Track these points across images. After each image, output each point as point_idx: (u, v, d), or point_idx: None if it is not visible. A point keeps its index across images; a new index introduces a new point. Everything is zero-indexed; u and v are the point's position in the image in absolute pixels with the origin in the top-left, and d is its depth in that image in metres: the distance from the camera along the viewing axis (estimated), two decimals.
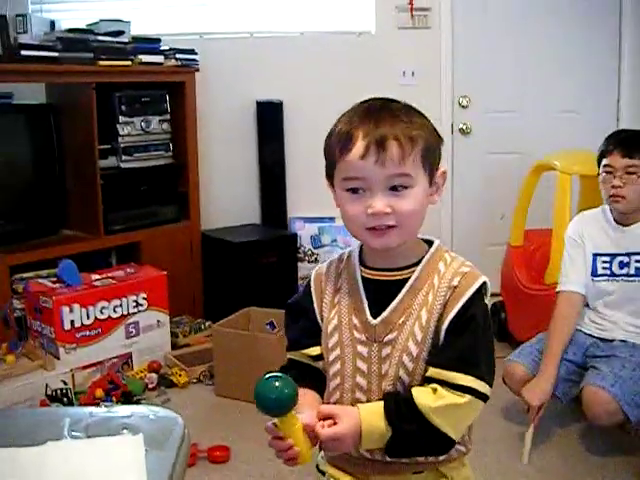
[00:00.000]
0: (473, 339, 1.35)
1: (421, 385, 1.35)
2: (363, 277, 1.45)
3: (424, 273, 1.40)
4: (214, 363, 3.45)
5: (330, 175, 1.50)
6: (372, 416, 1.33)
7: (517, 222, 4.03)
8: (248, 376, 3.28)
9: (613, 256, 2.97)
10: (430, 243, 1.47)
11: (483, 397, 1.33)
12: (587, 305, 3.05)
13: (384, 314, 1.39)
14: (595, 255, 2.99)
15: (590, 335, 3.01)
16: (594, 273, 2.99)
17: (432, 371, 1.33)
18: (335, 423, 1.32)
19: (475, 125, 4.91)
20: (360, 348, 1.41)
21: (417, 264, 1.41)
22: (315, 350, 1.49)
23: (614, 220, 2.98)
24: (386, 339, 1.38)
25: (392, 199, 1.35)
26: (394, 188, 1.36)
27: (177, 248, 4.23)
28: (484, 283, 1.39)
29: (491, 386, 1.35)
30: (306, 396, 1.41)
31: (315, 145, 5.12)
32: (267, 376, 1.31)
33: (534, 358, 2.99)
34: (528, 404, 2.82)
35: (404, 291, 1.39)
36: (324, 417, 1.34)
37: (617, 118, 5.04)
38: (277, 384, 1.29)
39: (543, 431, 2.93)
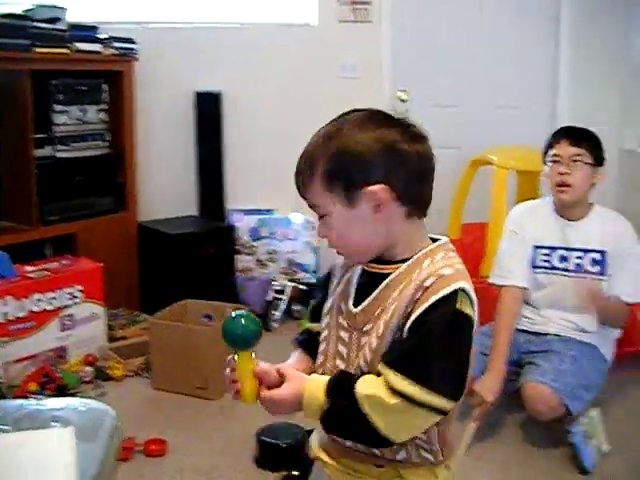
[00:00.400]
0: (422, 343, 1.29)
1: None
2: (363, 268, 1.46)
3: (408, 269, 1.37)
4: (150, 356, 3.42)
5: None
6: (316, 387, 1.36)
7: (454, 216, 4.09)
8: (185, 369, 3.27)
9: (554, 249, 3.00)
10: (437, 241, 1.44)
11: (423, 406, 1.27)
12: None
13: (364, 304, 1.41)
14: (536, 247, 3.02)
15: (523, 331, 3.05)
16: (533, 264, 3.02)
17: (379, 365, 1.33)
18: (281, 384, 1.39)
19: (415, 119, 4.92)
20: (342, 333, 1.45)
21: (409, 259, 1.39)
22: (318, 327, 1.55)
23: (558, 213, 3.01)
24: (365, 328, 1.40)
25: (322, 227, 1.43)
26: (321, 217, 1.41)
27: (114, 240, 4.17)
28: (458, 290, 1.31)
29: (451, 399, 1.28)
30: (296, 356, 1.59)
31: (254, 137, 5.16)
32: (234, 313, 1.44)
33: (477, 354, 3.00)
34: (479, 400, 2.79)
35: (383, 284, 1.39)
36: (280, 375, 1.42)
37: (554, 115, 5.14)
38: (243, 321, 1.43)
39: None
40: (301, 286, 4.49)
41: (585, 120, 5.10)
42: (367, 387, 1.31)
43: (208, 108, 4.58)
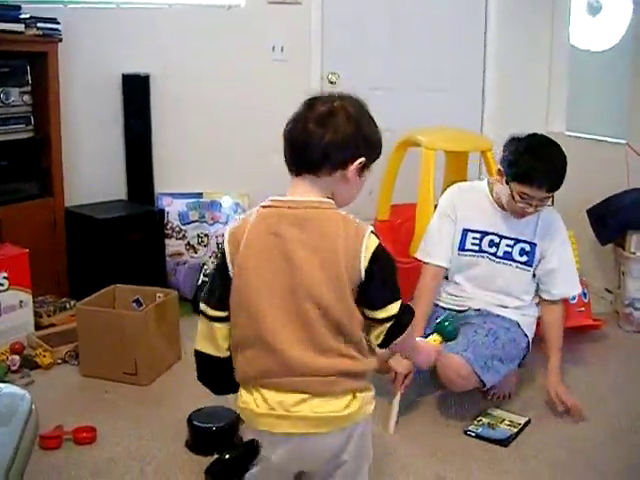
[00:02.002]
0: None
1: None
2: None
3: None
4: (79, 342, 3.36)
5: None
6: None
7: (383, 197, 4.11)
8: (114, 355, 3.23)
9: (484, 234, 3.05)
10: None
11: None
12: (446, 278, 3.15)
13: None
14: (466, 230, 3.06)
15: (445, 308, 3.10)
16: (461, 247, 3.07)
17: None
18: None
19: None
20: None
21: None
22: None
23: (497, 205, 3.05)
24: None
25: None
26: None
27: (39, 225, 4.08)
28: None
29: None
30: None
31: (183, 119, 5.09)
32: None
33: None
34: (394, 373, 2.87)
35: None
36: None
37: (482, 97, 5.22)
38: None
39: (406, 401, 3.01)
40: None
41: (512, 103, 5.22)
42: None
43: (135, 91, 4.50)
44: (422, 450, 2.71)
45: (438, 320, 2.17)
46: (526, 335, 3.08)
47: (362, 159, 1.73)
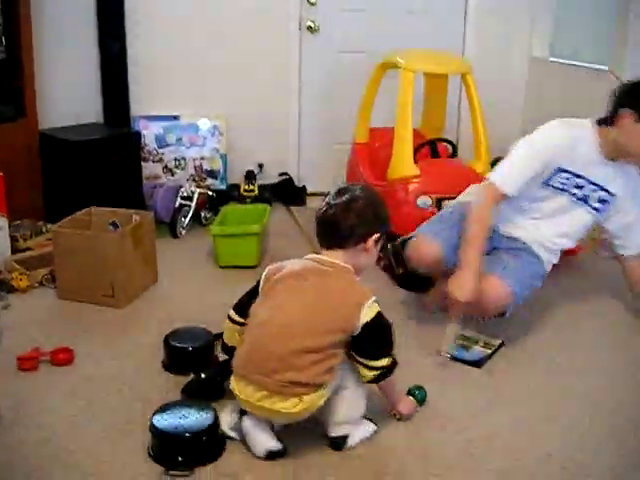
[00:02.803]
0: None
1: None
2: None
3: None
4: (55, 265, 3.34)
5: None
6: None
7: (361, 120, 4.07)
8: (90, 277, 3.22)
9: (576, 176, 2.95)
10: None
11: None
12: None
13: None
14: (560, 170, 2.93)
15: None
16: (547, 182, 2.96)
17: None
18: None
19: (323, 23, 4.87)
20: None
21: None
22: None
23: (601, 152, 2.94)
24: None
25: None
26: None
27: (14, 149, 4.00)
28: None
29: None
30: None
31: (159, 39, 5.00)
32: None
33: (449, 238, 2.96)
34: (452, 300, 2.80)
35: None
36: None
37: (464, 20, 5.13)
38: None
39: None
40: (209, 192, 4.44)
41: (494, 27, 5.15)
42: None
43: (110, 9, 4.39)
44: (397, 371, 2.73)
45: (409, 388, 2.50)
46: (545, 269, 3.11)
47: (377, 234, 2.25)
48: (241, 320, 2.37)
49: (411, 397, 2.48)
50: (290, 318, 2.17)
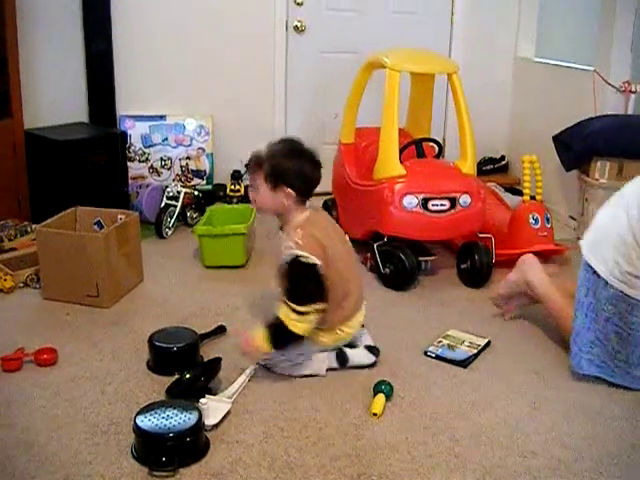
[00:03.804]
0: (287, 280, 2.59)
1: None
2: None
3: (287, 231, 2.65)
4: (40, 265, 3.32)
5: None
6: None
7: (348, 119, 4.06)
8: (75, 277, 3.21)
9: None
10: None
11: (302, 313, 2.52)
12: None
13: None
14: None
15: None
16: None
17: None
18: None
19: (310, 23, 4.87)
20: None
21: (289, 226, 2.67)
22: None
23: None
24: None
25: (253, 193, 2.71)
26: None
27: None
28: (295, 256, 2.53)
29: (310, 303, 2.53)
30: None
31: (146, 38, 4.99)
32: None
33: None
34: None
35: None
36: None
37: (451, 20, 5.15)
38: None
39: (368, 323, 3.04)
40: (195, 192, 4.43)
41: (480, 28, 5.16)
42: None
43: (96, 6, 4.38)
44: (382, 371, 2.74)
45: (375, 384, 2.56)
46: None
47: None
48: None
49: (380, 395, 2.50)
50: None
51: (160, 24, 4.59)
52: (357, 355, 2.77)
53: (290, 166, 2.60)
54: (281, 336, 2.55)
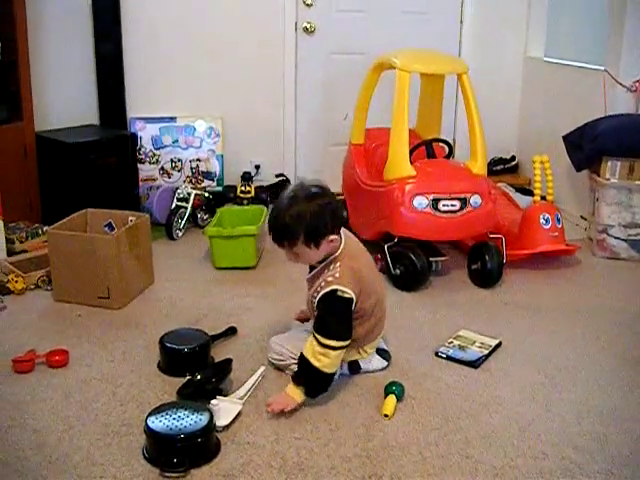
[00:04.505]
0: (321, 315, 2.51)
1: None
2: None
3: (323, 268, 2.56)
4: (51, 267, 3.34)
5: None
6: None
7: (358, 120, 4.06)
8: (86, 279, 3.22)
9: None
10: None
11: (331, 347, 2.44)
12: None
13: (308, 276, 2.67)
14: None
15: None
16: None
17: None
18: None
19: (319, 24, 4.87)
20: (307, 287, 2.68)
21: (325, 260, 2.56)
22: None
23: None
24: (311, 288, 2.61)
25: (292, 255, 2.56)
26: None
27: (10, 151, 4.01)
28: (333, 290, 2.47)
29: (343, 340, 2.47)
30: None
31: (155, 40, 5.00)
32: None
33: None
34: None
35: (314, 271, 2.61)
36: None
37: (461, 20, 5.14)
38: None
39: None
40: (206, 194, 4.44)
41: (490, 28, 5.15)
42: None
43: (106, 9, 4.39)
44: (393, 372, 2.74)
45: (386, 385, 2.57)
46: None
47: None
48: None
49: (392, 397, 2.50)
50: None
51: (170, 26, 4.60)
52: (370, 362, 2.76)
53: (320, 217, 2.42)
54: (308, 378, 2.45)
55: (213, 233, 3.71)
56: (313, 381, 2.45)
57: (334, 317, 2.47)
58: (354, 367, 2.70)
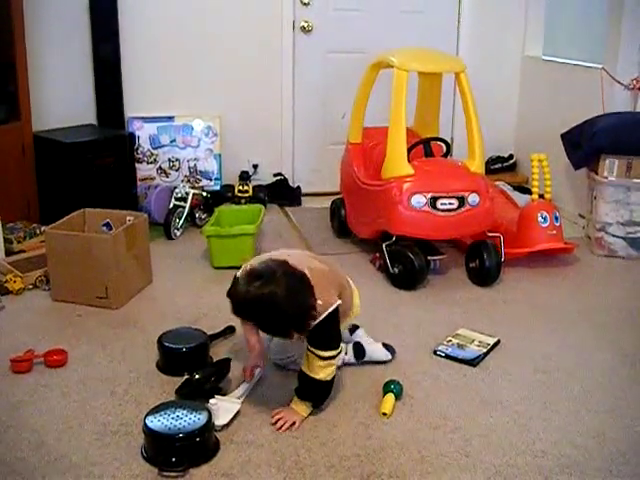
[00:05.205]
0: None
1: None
2: None
3: None
4: (49, 267, 3.34)
5: None
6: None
7: (355, 119, 4.06)
8: (84, 279, 3.21)
9: None
10: None
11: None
12: None
13: None
14: None
15: None
16: None
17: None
18: None
19: (317, 23, 4.87)
20: None
21: None
22: None
23: None
24: None
25: None
26: None
27: (8, 151, 4.01)
28: (331, 311, 2.36)
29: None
30: None
31: (153, 40, 5.00)
32: None
33: None
34: None
35: None
36: None
37: (458, 19, 5.14)
38: None
39: (377, 323, 3.02)
40: (204, 193, 4.44)
41: (488, 26, 5.15)
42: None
43: (103, 10, 4.38)
44: (392, 370, 2.74)
45: (385, 383, 2.57)
46: None
47: None
48: None
49: (390, 395, 2.50)
50: None
51: (167, 26, 4.60)
52: (375, 351, 2.79)
53: (304, 297, 2.26)
54: (315, 392, 2.43)
55: (211, 232, 3.71)
56: (320, 393, 2.45)
57: (331, 331, 2.42)
58: (359, 352, 2.76)
